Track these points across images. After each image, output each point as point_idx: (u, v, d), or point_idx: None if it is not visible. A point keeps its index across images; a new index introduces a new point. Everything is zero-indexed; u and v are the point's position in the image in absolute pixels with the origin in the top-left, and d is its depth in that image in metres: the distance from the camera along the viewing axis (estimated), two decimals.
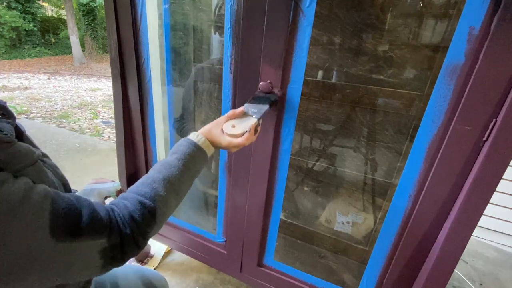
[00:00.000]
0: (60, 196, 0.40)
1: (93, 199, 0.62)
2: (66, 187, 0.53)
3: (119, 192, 0.68)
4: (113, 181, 0.69)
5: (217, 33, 1.17)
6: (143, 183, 0.52)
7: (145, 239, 0.50)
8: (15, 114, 0.46)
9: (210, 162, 0.60)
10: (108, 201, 0.66)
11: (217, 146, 0.64)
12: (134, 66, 1.01)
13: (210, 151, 0.63)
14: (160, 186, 0.52)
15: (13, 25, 10.71)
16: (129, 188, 0.52)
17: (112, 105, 1.25)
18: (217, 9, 1.11)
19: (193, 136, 0.61)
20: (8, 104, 0.46)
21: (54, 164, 0.53)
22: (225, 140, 0.63)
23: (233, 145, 0.63)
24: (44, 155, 0.51)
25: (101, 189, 0.65)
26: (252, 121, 0.65)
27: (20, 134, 0.47)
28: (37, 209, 0.36)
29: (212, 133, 0.64)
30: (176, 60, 1.35)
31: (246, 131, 0.63)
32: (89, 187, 0.65)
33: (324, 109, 1.27)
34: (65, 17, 11.86)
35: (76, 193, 0.64)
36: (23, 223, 0.34)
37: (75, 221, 0.39)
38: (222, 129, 0.64)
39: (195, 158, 0.58)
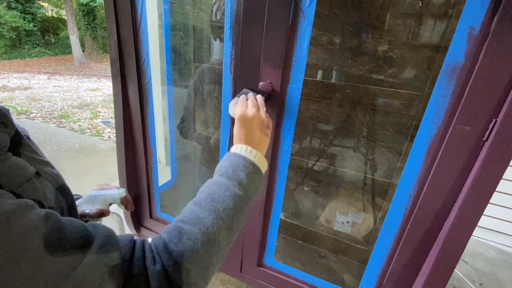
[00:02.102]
0: (71, 223, 0.34)
1: (97, 206, 0.60)
2: (67, 196, 0.48)
3: (123, 199, 0.67)
4: (118, 188, 0.68)
5: (216, 37, 1.17)
6: (184, 209, 0.44)
7: (187, 280, 0.37)
8: (15, 123, 0.42)
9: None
10: (112, 208, 0.66)
11: (254, 130, 0.58)
12: (134, 66, 1.01)
13: (263, 163, 0.54)
14: (202, 207, 0.43)
15: (13, 25, 10.72)
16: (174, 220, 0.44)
17: (112, 105, 1.25)
18: (215, 13, 1.10)
19: (242, 150, 0.53)
20: (8, 105, 0.44)
21: (56, 173, 0.47)
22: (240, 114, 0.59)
23: (244, 111, 0.60)
24: (46, 163, 0.47)
25: (105, 195, 0.64)
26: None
27: (18, 143, 0.42)
28: (29, 228, 0.30)
29: (241, 120, 0.59)
30: (176, 60, 1.35)
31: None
32: (93, 193, 0.64)
33: (324, 109, 1.27)
34: (65, 17, 11.86)
35: (80, 200, 0.63)
36: (12, 238, 0.28)
37: (81, 241, 0.33)
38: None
39: (245, 172, 0.49)
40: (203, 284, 0.39)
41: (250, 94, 0.69)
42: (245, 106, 0.62)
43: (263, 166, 0.55)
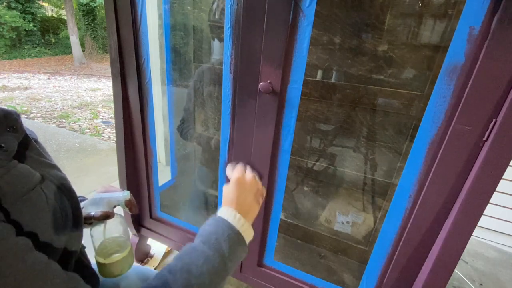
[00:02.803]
0: (52, 272, 0.34)
1: (102, 208, 0.61)
2: (72, 199, 0.48)
3: (128, 201, 0.67)
4: (122, 190, 0.68)
5: (215, 37, 1.17)
6: (157, 276, 0.42)
7: None
8: (24, 128, 0.42)
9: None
10: (116, 211, 0.66)
11: (247, 195, 0.58)
12: (134, 66, 1.01)
13: (249, 234, 0.53)
14: (176, 279, 0.41)
15: (13, 25, 10.72)
16: (143, 285, 0.43)
17: (112, 105, 1.25)
18: (213, 13, 1.10)
19: (230, 217, 0.51)
20: (8, 105, 0.43)
21: (62, 176, 0.48)
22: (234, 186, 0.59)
23: (242, 174, 0.62)
24: (52, 166, 0.47)
25: (110, 198, 0.64)
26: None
27: (25, 146, 0.43)
28: (16, 277, 0.30)
29: (234, 185, 0.58)
30: (176, 60, 1.35)
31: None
32: (98, 195, 0.65)
33: (324, 109, 1.27)
34: (65, 17, 11.86)
35: (85, 202, 0.64)
36: None
37: None
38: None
39: (229, 242, 0.47)
40: None
41: (248, 167, 0.71)
42: (243, 171, 0.65)
43: (249, 236, 0.53)
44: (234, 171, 0.65)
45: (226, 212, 0.52)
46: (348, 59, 1.15)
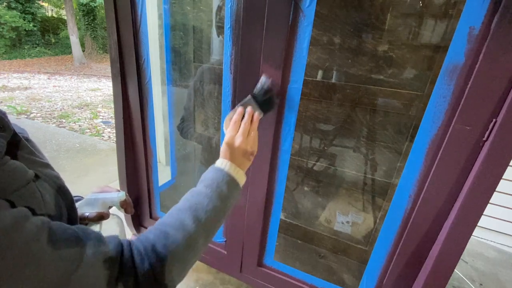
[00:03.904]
0: (61, 227, 0.37)
1: (97, 209, 0.60)
2: (66, 198, 0.48)
3: (123, 202, 0.66)
4: (118, 191, 0.68)
5: (219, 36, 1.17)
6: (169, 214, 0.49)
7: (169, 277, 0.43)
8: (12, 126, 0.42)
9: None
10: (111, 211, 0.66)
11: (237, 159, 0.63)
12: (134, 66, 1.01)
13: (240, 176, 0.61)
14: (186, 215, 0.48)
15: (13, 25, 10.71)
16: (157, 221, 0.48)
17: (112, 105, 1.25)
18: (218, 12, 1.11)
19: (227, 166, 0.60)
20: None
21: (55, 175, 0.47)
22: (230, 141, 0.64)
23: (232, 137, 0.64)
24: (45, 165, 0.47)
25: (105, 198, 0.63)
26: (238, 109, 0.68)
27: (16, 145, 0.42)
28: (29, 239, 0.32)
29: (226, 146, 0.63)
30: (176, 60, 1.35)
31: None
32: (93, 196, 0.64)
33: (324, 109, 1.27)
34: (65, 17, 11.86)
35: (80, 202, 0.63)
36: (14, 252, 0.31)
37: (76, 241, 0.36)
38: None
39: (224, 183, 0.57)
40: (181, 278, 0.47)
41: (249, 109, 0.69)
42: (234, 131, 0.65)
43: (242, 181, 0.63)
44: (227, 131, 0.66)
45: (222, 163, 0.61)
46: (348, 59, 1.15)
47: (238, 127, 0.66)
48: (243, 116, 0.68)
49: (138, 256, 0.41)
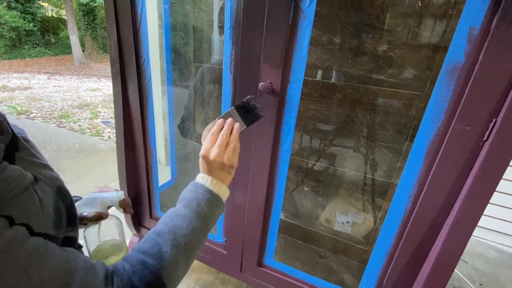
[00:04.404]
0: (51, 254, 0.36)
1: (96, 209, 0.60)
2: (66, 199, 0.48)
3: (122, 201, 0.66)
4: (117, 190, 0.67)
5: (221, 35, 1.17)
6: (146, 239, 0.46)
7: None
8: (11, 128, 0.41)
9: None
10: (110, 211, 0.66)
11: (215, 172, 0.59)
12: (134, 66, 1.01)
13: (222, 191, 0.57)
14: (164, 240, 0.45)
15: (13, 25, 10.71)
16: (134, 246, 0.46)
17: (112, 105, 1.25)
18: (221, 12, 1.11)
19: (208, 182, 0.56)
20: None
21: (55, 176, 0.47)
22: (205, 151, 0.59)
23: (207, 150, 0.59)
24: (44, 166, 0.46)
25: (104, 198, 0.63)
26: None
27: (15, 147, 0.42)
28: (25, 262, 0.32)
29: (202, 159, 0.59)
30: (176, 60, 1.35)
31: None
32: (92, 195, 0.64)
33: (324, 109, 1.27)
34: (65, 17, 11.86)
35: (79, 202, 0.63)
36: (10, 273, 0.30)
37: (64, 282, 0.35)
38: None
39: (205, 203, 0.53)
40: None
41: (229, 121, 0.64)
42: (211, 143, 0.61)
43: (225, 196, 0.59)
44: (203, 144, 0.62)
45: (202, 178, 0.57)
46: (348, 59, 1.15)
47: (215, 139, 0.62)
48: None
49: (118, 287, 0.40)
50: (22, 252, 0.32)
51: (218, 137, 0.61)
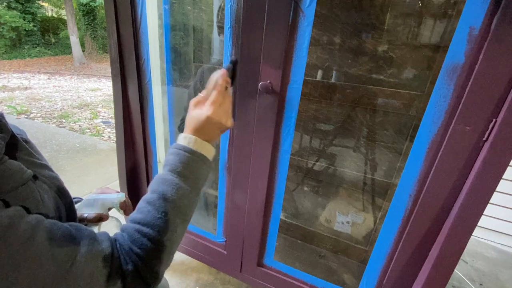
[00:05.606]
0: (55, 225, 0.37)
1: (96, 210, 0.60)
2: (65, 199, 0.48)
3: (123, 203, 0.66)
4: (118, 192, 0.67)
5: (220, 35, 1.17)
6: (138, 208, 0.46)
7: (155, 275, 0.43)
8: (10, 127, 0.42)
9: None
10: (111, 213, 0.66)
11: (206, 132, 0.55)
12: (134, 66, 1.01)
13: (207, 150, 0.54)
14: (156, 208, 0.45)
15: (13, 25, 10.72)
16: (128, 217, 0.47)
17: (112, 105, 1.25)
18: (220, 12, 1.11)
19: (191, 142, 0.53)
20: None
21: (54, 176, 0.48)
22: (196, 112, 0.56)
23: (204, 111, 0.56)
24: (44, 166, 0.47)
25: (104, 199, 0.63)
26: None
27: (14, 147, 0.43)
28: (24, 239, 0.32)
29: (193, 119, 0.55)
30: (176, 60, 1.35)
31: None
32: (92, 197, 0.64)
33: (324, 109, 1.27)
34: (65, 17, 11.87)
35: (79, 203, 0.63)
36: (10, 252, 0.31)
37: (70, 239, 0.36)
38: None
39: (189, 164, 0.50)
40: (166, 268, 0.46)
41: (227, 80, 0.62)
42: (217, 104, 0.58)
43: (211, 154, 0.55)
44: (207, 104, 0.58)
45: (185, 139, 0.54)
46: (348, 59, 1.15)
47: (218, 99, 0.59)
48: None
49: (122, 257, 0.41)
50: (25, 225, 0.33)
51: (221, 99, 0.59)
